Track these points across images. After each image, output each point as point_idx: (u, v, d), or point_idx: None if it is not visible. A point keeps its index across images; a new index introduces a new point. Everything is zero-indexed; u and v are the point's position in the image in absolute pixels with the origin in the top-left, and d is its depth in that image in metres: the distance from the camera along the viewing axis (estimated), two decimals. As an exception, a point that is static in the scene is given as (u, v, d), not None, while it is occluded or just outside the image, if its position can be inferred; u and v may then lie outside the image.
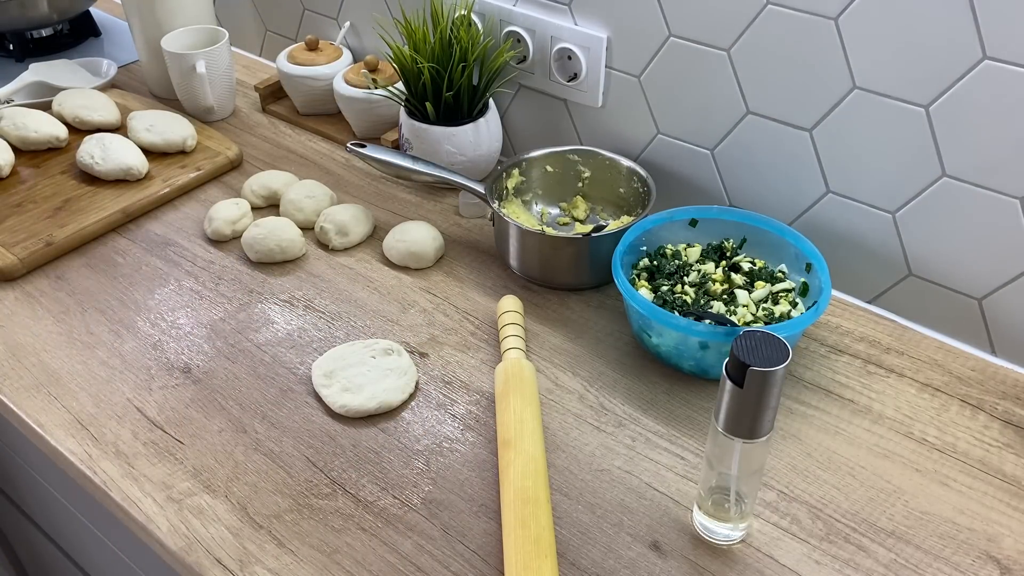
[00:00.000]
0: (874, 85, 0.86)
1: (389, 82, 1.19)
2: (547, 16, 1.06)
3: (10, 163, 1.15)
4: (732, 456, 0.67)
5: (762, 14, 0.89)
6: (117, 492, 0.78)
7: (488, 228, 1.09)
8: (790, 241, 0.91)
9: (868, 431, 0.82)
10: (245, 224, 1.07)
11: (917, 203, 0.89)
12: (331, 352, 0.90)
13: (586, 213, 1.08)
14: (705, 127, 1.01)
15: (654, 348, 0.88)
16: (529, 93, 1.15)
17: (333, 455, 0.81)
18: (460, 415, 0.85)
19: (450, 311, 0.97)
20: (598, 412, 0.85)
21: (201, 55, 1.23)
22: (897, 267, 0.94)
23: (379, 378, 0.86)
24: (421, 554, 0.73)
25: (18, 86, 1.32)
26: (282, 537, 0.74)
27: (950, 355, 0.90)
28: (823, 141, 0.92)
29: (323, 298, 0.99)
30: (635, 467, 0.80)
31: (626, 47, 1.02)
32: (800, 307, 0.89)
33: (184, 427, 0.84)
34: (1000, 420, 0.83)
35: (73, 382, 0.89)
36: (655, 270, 0.93)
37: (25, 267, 1.02)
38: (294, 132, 1.29)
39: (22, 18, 1.42)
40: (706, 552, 0.73)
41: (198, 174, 1.17)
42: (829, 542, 0.73)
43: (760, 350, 0.62)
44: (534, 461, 0.76)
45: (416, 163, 1.03)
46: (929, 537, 0.73)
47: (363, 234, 1.07)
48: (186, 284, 1.01)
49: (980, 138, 0.82)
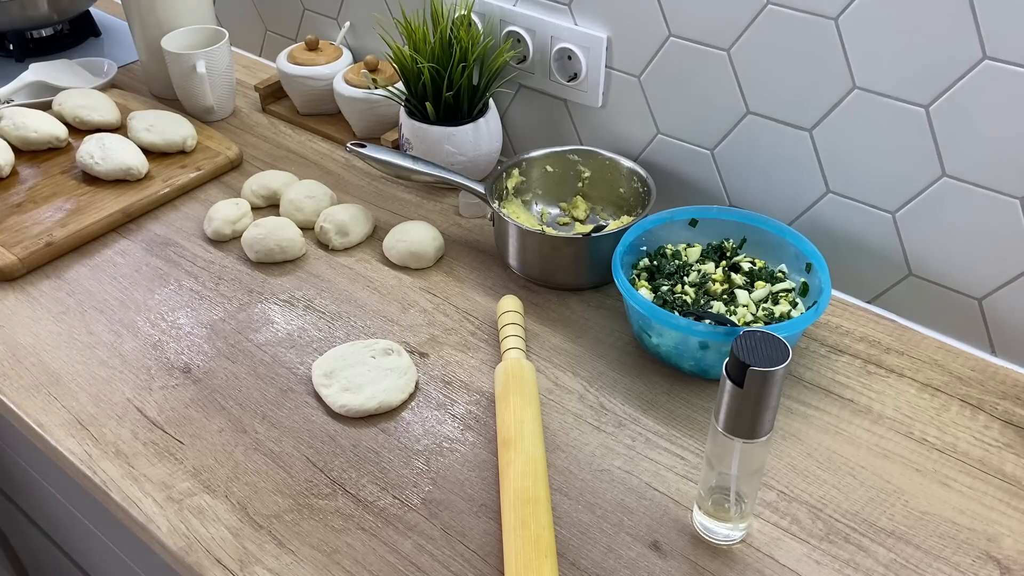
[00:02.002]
0: (874, 85, 0.86)
1: (389, 82, 1.19)
2: (547, 16, 1.06)
3: (10, 163, 1.15)
4: (732, 456, 0.67)
5: (762, 14, 0.89)
6: (117, 492, 0.78)
7: (488, 228, 1.09)
8: (790, 241, 0.91)
9: (868, 431, 0.82)
10: (245, 224, 1.07)
11: (917, 203, 0.89)
12: (331, 352, 0.90)
13: (586, 213, 1.08)
14: (705, 127, 1.01)
15: (654, 348, 0.88)
16: (529, 93, 1.15)
17: (333, 455, 0.81)
18: (460, 415, 0.85)
19: (450, 311, 0.97)
20: (598, 412, 0.85)
21: (201, 55, 1.23)
22: (897, 267, 0.94)
23: (379, 378, 0.86)
24: (421, 554, 0.73)
25: (18, 86, 1.32)
26: (282, 537, 0.74)
27: (950, 355, 0.90)
28: (823, 141, 0.92)
29: (323, 298, 0.99)
30: (635, 467, 0.80)
31: (626, 47, 1.02)
32: (800, 307, 0.89)
33: (184, 427, 0.84)
34: (1000, 420, 0.83)
35: (73, 382, 0.89)
36: (655, 270, 0.93)
37: (25, 267, 1.02)
38: (294, 132, 1.29)
39: (22, 18, 1.42)
40: (706, 552, 0.73)
41: (198, 174, 1.17)
42: (829, 542, 0.73)
43: (760, 350, 0.62)
44: (534, 461, 0.76)
45: (416, 163, 1.03)
46: (929, 537, 0.73)
47: (363, 234, 1.07)
48: (186, 284, 1.01)
49: (980, 138, 0.82)
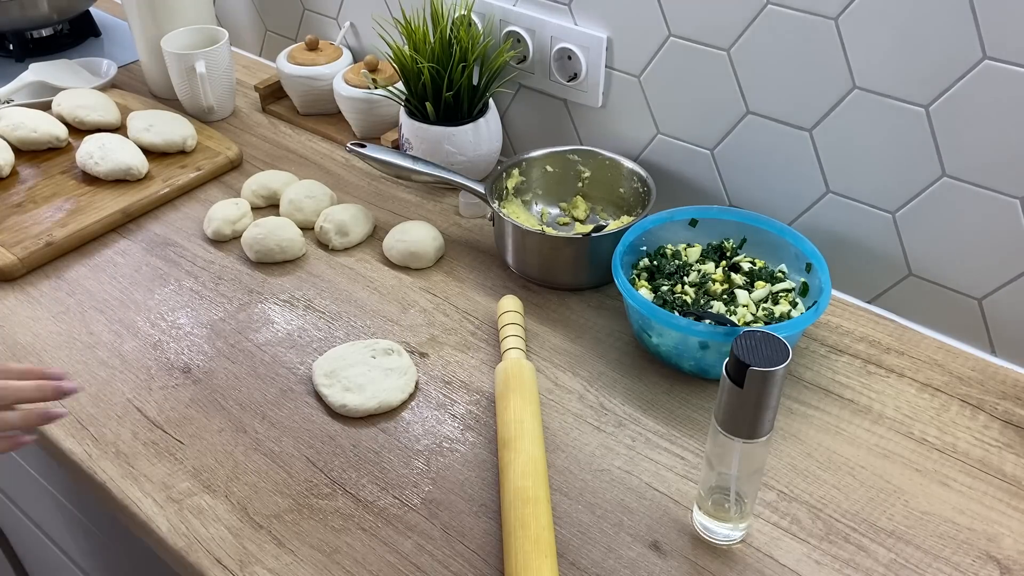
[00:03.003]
0: (874, 85, 0.86)
1: (389, 82, 1.19)
2: (547, 16, 1.06)
3: (10, 163, 1.15)
4: (732, 456, 0.67)
5: (762, 14, 0.89)
6: (117, 492, 0.78)
7: (488, 228, 1.09)
8: (790, 241, 0.91)
9: (868, 431, 0.82)
10: (245, 224, 1.07)
11: (917, 203, 0.89)
12: (332, 352, 0.90)
13: (586, 213, 1.08)
14: (705, 127, 1.01)
15: (654, 348, 0.88)
16: (529, 93, 1.15)
17: (333, 455, 0.81)
18: (460, 415, 0.85)
19: (450, 311, 0.97)
20: (598, 412, 0.85)
21: (201, 55, 1.23)
22: (897, 267, 0.94)
23: (380, 378, 0.86)
24: (421, 554, 0.73)
25: (18, 86, 1.32)
26: (282, 537, 0.74)
27: (950, 355, 0.90)
28: (823, 141, 0.92)
29: (323, 298, 0.99)
30: (635, 467, 0.80)
31: (626, 47, 1.02)
32: (800, 307, 0.89)
33: (184, 427, 0.84)
34: (1000, 420, 0.83)
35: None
36: (655, 270, 0.93)
37: (25, 267, 1.02)
38: (294, 132, 1.29)
39: (22, 18, 1.42)
40: (706, 552, 0.73)
41: (198, 174, 1.17)
42: (829, 542, 0.73)
43: (760, 350, 0.62)
44: (534, 461, 0.76)
45: (416, 163, 1.03)
46: (929, 537, 0.73)
47: (363, 234, 1.07)
48: (186, 284, 1.01)
49: (980, 138, 0.82)
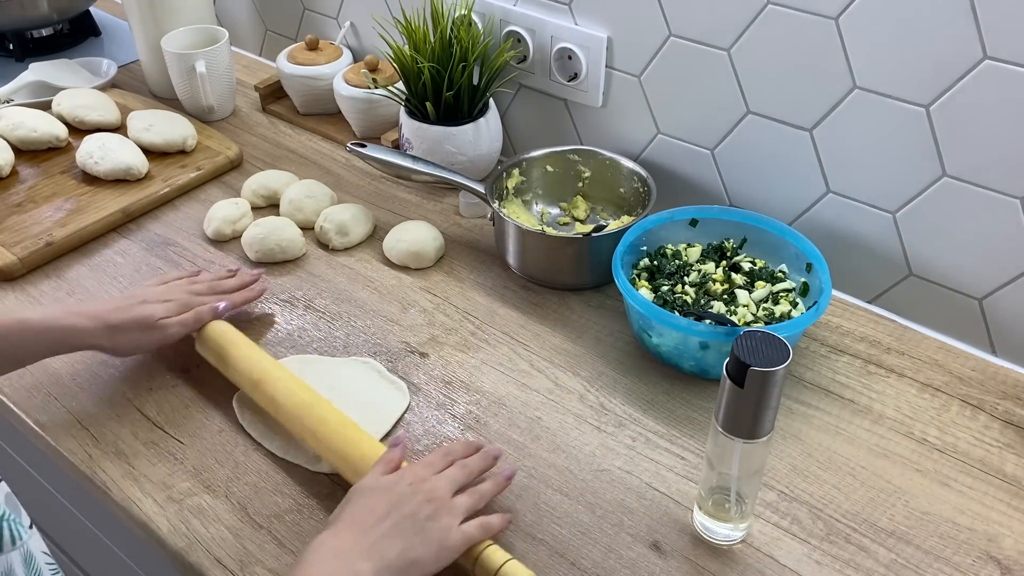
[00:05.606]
0: (874, 85, 0.86)
1: (389, 82, 1.19)
2: (547, 16, 1.06)
3: (10, 163, 1.15)
4: (732, 456, 0.67)
5: (762, 14, 0.89)
6: (117, 492, 0.78)
7: (488, 228, 1.09)
8: (790, 241, 0.91)
9: (868, 431, 0.82)
10: (245, 224, 1.07)
11: (917, 203, 0.89)
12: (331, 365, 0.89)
13: (586, 213, 1.08)
14: (705, 127, 1.01)
15: (654, 348, 0.88)
16: (529, 93, 1.15)
17: (333, 455, 0.81)
18: (460, 415, 0.85)
19: (450, 311, 0.97)
20: (598, 412, 0.85)
21: (201, 55, 1.23)
22: (897, 267, 0.94)
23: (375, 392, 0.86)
24: (421, 554, 0.73)
25: (18, 86, 1.32)
26: (282, 537, 0.74)
27: (950, 355, 0.90)
28: (823, 141, 0.92)
29: (323, 298, 0.99)
30: (635, 467, 0.80)
31: (626, 47, 1.02)
32: (800, 307, 0.88)
33: (184, 427, 0.84)
34: (1000, 420, 0.83)
35: (73, 382, 0.89)
36: (655, 270, 0.93)
37: (25, 267, 1.02)
38: (294, 132, 1.29)
39: (22, 18, 1.42)
40: (706, 552, 0.73)
41: (198, 174, 1.17)
42: (829, 542, 0.73)
43: (760, 350, 0.62)
44: (288, 379, 0.81)
45: (416, 163, 1.03)
46: (929, 537, 0.73)
47: (363, 234, 1.06)
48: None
49: (980, 138, 0.82)
